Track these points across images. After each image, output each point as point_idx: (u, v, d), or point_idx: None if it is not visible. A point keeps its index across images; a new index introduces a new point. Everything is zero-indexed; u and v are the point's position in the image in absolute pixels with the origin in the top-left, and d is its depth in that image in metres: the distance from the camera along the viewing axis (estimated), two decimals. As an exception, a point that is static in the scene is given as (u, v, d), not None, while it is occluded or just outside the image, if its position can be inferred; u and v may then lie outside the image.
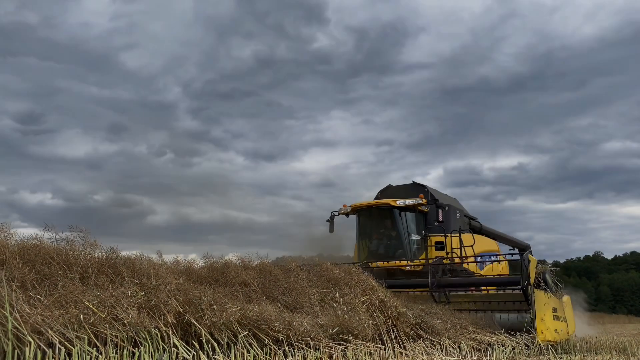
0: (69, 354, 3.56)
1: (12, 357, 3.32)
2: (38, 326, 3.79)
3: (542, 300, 7.95)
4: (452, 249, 10.98)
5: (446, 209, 11.72)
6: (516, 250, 17.96)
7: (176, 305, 4.69)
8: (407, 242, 11.29)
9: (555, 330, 8.03)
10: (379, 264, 10.89)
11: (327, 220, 12.46)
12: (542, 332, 7.57)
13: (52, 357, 3.34)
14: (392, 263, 10.79)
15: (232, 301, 5.30)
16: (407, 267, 10.55)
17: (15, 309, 3.79)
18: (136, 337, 4.19)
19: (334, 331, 5.65)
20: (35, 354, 3.36)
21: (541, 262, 9.06)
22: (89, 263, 5.02)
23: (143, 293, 4.69)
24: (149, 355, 3.81)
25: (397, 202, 11.28)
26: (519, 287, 8.44)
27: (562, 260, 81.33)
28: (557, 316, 8.29)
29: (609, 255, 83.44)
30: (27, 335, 3.62)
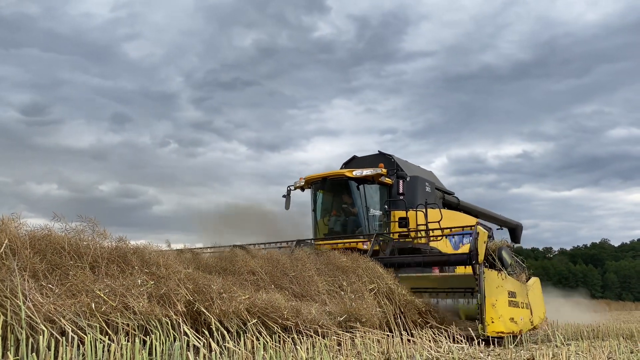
0: (82, 342, 3.61)
1: (26, 346, 3.37)
2: (51, 315, 3.84)
3: (494, 282, 6.68)
4: (418, 225, 9.72)
5: (408, 179, 10.42)
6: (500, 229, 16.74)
7: (186, 294, 4.74)
8: (365, 218, 10.12)
9: (512, 319, 6.82)
10: (326, 244, 9.55)
11: (283, 196, 11.40)
12: (492, 321, 6.35)
13: (65, 345, 3.38)
14: (345, 242, 9.38)
15: (241, 290, 5.35)
16: (364, 247, 9.03)
17: (28, 299, 3.85)
18: (147, 326, 4.24)
19: (341, 319, 5.69)
20: (49, 343, 3.41)
21: (511, 247, 7.64)
22: (99, 253, 5.07)
23: (153, 282, 4.74)
24: (160, 343, 3.85)
25: (354, 173, 10.21)
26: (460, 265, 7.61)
27: (568, 248, 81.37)
28: (515, 302, 7.09)
29: (615, 243, 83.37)
30: (40, 324, 3.67)
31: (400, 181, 9.92)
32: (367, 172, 10.14)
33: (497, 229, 15.77)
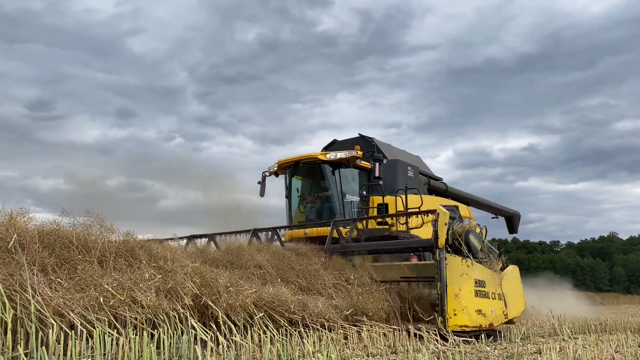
0: (90, 336, 3.65)
1: (36, 339, 3.41)
2: (60, 309, 3.87)
3: (458, 270, 5.97)
4: (397, 211, 9.02)
5: (385, 161, 9.53)
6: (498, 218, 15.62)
7: (193, 287, 4.76)
8: (340, 204, 9.39)
9: (479, 311, 6.10)
10: (293, 232, 9.06)
11: (258, 183, 10.78)
12: (454, 314, 5.71)
13: (74, 339, 3.41)
14: (316, 230, 8.71)
15: (248, 283, 5.37)
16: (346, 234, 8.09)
17: (37, 293, 3.88)
18: (155, 319, 4.27)
19: (348, 312, 5.70)
20: (58, 336, 3.44)
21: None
22: (107, 247, 5.10)
23: (160, 276, 4.76)
24: (167, 336, 3.88)
25: (327, 156, 9.51)
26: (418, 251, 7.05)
27: (575, 241, 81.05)
28: (484, 292, 6.31)
29: (623, 236, 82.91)
30: (50, 318, 3.71)
31: (377, 164, 9.20)
32: (341, 154, 9.50)
33: (492, 218, 15.01)
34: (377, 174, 9.17)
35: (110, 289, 4.27)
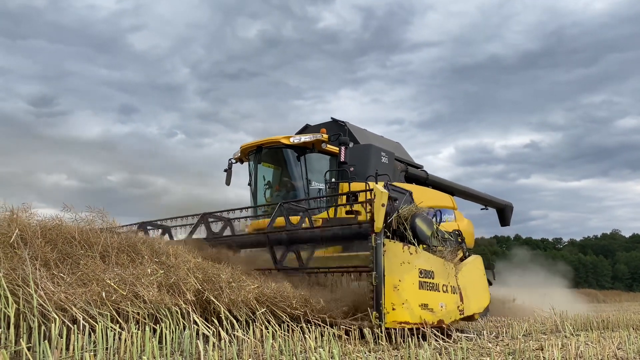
0: (93, 330, 3.65)
1: (39, 334, 3.42)
2: (62, 303, 3.89)
3: (398, 257, 5.23)
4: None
5: (351, 145, 8.72)
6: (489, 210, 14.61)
7: (195, 283, 4.77)
8: (306, 193, 8.74)
9: (424, 305, 5.39)
10: (260, 222, 8.15)
11: (225, 170, 10.14)
12: (392, 308, 4.99)
13: (77, 333, 3.42)
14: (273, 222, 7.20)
15: (250, 279, 5.38)
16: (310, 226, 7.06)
17: (39, 287, 3.90)
18: (157, 314, 4.28)
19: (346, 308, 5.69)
20: (61, 330, 3.45)
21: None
22: (109, 242, 5.11)
23: (163, 271, 4.78)
24: (169, 331, 3.88)
25: (291, 139, 8.93)
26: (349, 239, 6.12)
27: (578, 239, 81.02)
28: (431, 284, 5.58)
29: (626, 233, 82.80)
30: (52, 312, 3.72)
31: (343, 148, 8.49)
32: (305, 137, 8.91)
33: (482, 209, 14.26)
34: (342, 159, 8.46)
35: (113, 284, 4.28)
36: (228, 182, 10.09)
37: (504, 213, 15.07)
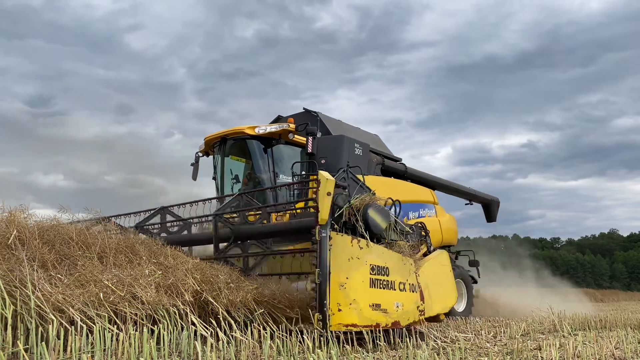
0: (91, 332, 3.65)
1: (36, 335, 3.41)
2: (60, 304, 3.88)
3: (346, 252, 4.72)
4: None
5: (318, 135, 8.28)
6: (478, 206, 13.81)
7: (193, 284, 4.76)
8: (270, 185, 8.21)
9: (376, 306, 4.87)
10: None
11: (192, 164, 9.56)
12: (338, 309, 4.50)
13: (74, 335, 3.42)
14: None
15: (248, 279, 5.37)
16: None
17: (37, 288, 3.89)
18: (155, 315, 4.27)
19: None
20: (58, 332, 3.45)
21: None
22: (107, 243, 5.10)
23: (161, 272, 4.77)
24: (167, 332, 3.88)
25: (256, 130, 8.38)
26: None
27: (576, 238, 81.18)
28: (386, 282, 5.04)
29: (624, 233, 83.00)
30: (50, 314, 3.71)
31: (310, 138, 8.09)
32: (271, 128, 8.37)
33: (466, 204, 13.70)
34: (310, 150, 8.07)
35: (111, 285, 4.27)
36: (194, 177, 9.51)
37: (489, 208, 14.43)
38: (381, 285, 5.00)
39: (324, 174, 4.84)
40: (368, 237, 5.09)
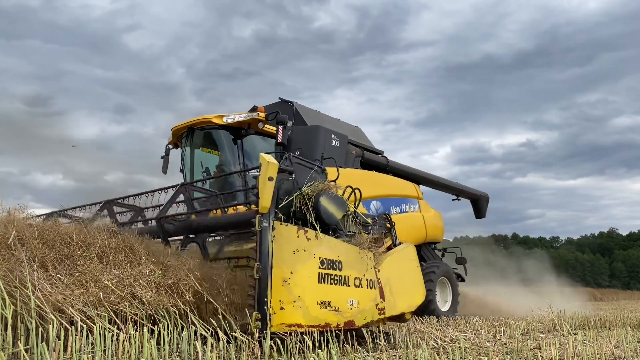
0: (91, 332, 3.65)
1: (36, 335, 3.41)
2: (59, 305, 3.88)
3: (291, 244, 4.31)
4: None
5: (288, 124, 7.71)
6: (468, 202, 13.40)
7: (194, 283, 4.76)
8: (243, 180, 7.73)
9: (326, 304, 4.46)
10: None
11: (162, 157, 9.13)
12: (280, 308, 4.10)
13: (75, 335, 3.42)
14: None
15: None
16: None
17: (37, 288, 3.89)
18: (155, 315, 4.28)
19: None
20: (58, 332, 3.45)
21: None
22: (107, 243, 5.10)
23: (161, 272, 4.76)
24: (168, 332, 3.88)
25: (224, 119, 7.95)
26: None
27: (575, 237, 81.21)
28: (338, 277, 4.61)
29: (623, 232, 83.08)
30: (50, 314, 3.71)
31: (280, 127, 7.51)
32: (240, 117, 7.94)
33: (453, 200, 13.28)
34: (279, 140, 7.47)
35: (111, 285, 4.27)
36: (164, 170, 9.05)
37: (478, 204, 13.92)
38: (332, 281, 4.59)
39: (265, 157, 4.38)
40: (318, 228, 4.65)
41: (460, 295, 10.48)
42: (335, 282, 4.62)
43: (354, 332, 4.89)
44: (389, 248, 5.65)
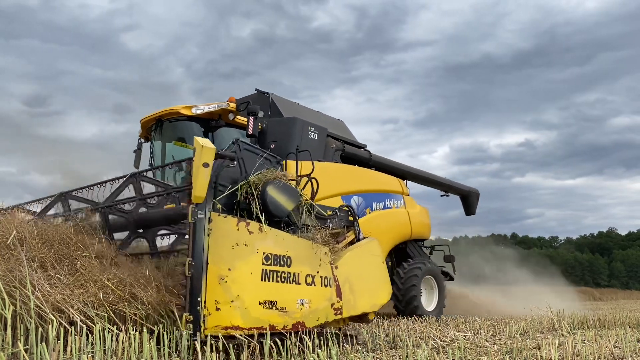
0: (90, 332, 3.65)
1: (36, 335, 3.41)
2: (59, 305, 3.88)
3: (230, 238, 3.93)
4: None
5: (261, 114, 7.31)
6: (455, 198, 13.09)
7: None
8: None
9: (269, 303, 4.07)
10: None
11: (135, 151, 8.84)
12: (216, 309, 3.73)
13: (74, 335, 3.42)
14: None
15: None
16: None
17: (36, 288, 3.88)
18: (155, 315, 4.27)
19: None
20: (58, 332, 3.45)
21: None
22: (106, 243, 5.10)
23: (161, 272, 4.76)
24: (167, 332, 3.88)
25: (193, 110, 7.65)
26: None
27: (574, 237, 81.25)
28: (285, 274, 4.23)
29: (622, 231, 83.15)
30: (49, 314, 3.71)
31: (252, 118, 7.10)
32: (210, 107, 7.62)
33: (442, 196, 12.89)
34: (250, 131, 7.08)
35: (110, 285, 4.27)
36: (137, 165, 8.69)
37: (468, 200, 13.43)
38: (279, 279, 4.18)
39: (200, 140, 3.90)
40: (264, 220, 4.25)
41: (448, 294, 10.19)
42: (283, 279, 4.22)
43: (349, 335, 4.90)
44: (351, 243, 5.27)
